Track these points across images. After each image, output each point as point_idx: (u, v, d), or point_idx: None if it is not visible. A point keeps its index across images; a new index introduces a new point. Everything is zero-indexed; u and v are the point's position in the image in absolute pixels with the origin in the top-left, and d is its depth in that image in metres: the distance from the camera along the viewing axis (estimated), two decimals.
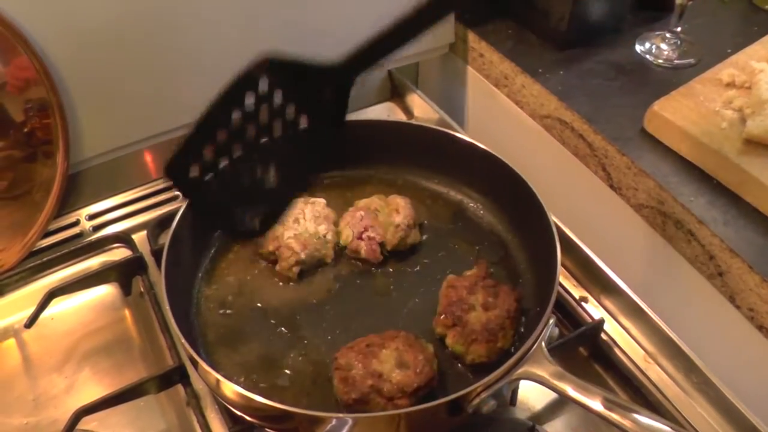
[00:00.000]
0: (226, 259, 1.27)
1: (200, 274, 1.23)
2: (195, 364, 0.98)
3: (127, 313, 1.28)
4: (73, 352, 1.14)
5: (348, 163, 1.38)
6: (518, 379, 0.95)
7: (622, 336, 1.14)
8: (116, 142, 1.42)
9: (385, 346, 1.01)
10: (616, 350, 1.12)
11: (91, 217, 1.41)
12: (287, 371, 1.02)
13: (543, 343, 0.96)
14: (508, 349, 1.06)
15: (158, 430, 1.03)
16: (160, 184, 1.47)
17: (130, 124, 1.40)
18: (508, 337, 1.08)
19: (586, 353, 1.21)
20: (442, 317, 1.10)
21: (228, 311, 1.16)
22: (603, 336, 1.19)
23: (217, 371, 0.95)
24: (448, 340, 1.09)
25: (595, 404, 0.87)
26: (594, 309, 1.23)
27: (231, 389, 0.91)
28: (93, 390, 1.07)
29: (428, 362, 1.01)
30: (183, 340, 0.95)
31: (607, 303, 1.24)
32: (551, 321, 1.00)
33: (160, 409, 1.06)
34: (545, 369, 0.93)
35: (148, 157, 1.51)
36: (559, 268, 1.06)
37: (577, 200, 1.31)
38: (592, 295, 1.20)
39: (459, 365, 1.09)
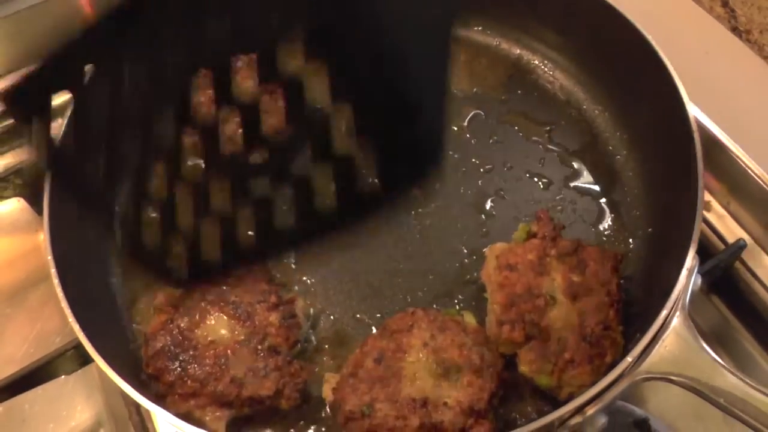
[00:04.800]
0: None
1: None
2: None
3: (42, 237, 0.90)
4: None
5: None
6: (644, 381, 0.58)
7: (765, 263, 0.84)
8: None
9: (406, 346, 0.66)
10: (756, 285, 0.82)
11: None
12: None
13: (686, 312, 0.57)
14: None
15: (82, 419, 0.79)
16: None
17: None
18: (619, 342, 0.67)
19: (704, 285, 0.84)
20: (506, 327, 0.68)
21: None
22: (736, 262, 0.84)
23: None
24: (524, 366, 0.68)
25: None
26: (721, 221, 0.87)
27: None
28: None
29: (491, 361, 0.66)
30: (78, 329, 0.59)
31: (741, 211, 0.87)
32: (694, 264, 0.60)
33: (86, 388, 0.80)
34: (696, 364, 0.55)
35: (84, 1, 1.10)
36: (702, 179, 0.67)
37: (682, 50, 0.95)
38: (715, 198, 0.88)
39: None
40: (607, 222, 0.81)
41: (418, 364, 0.64)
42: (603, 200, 0.83)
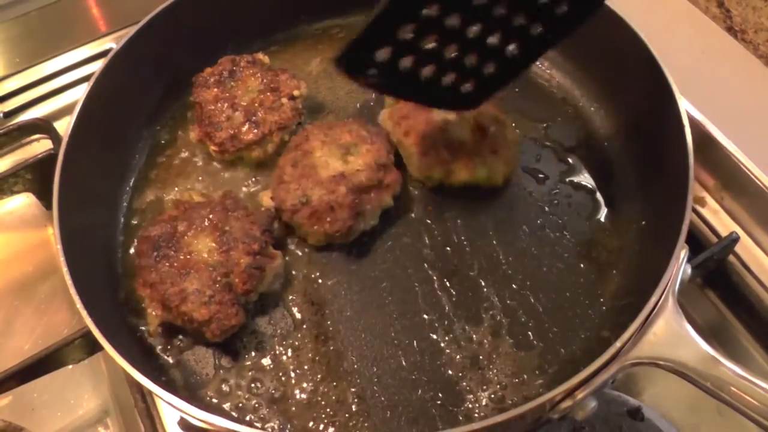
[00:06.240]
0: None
1: (130, 184, 0.88)
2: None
3: (50, 232, 0.96)
4: None
5: (347, 5, 0.98)
6: (632, 366, 0.58)
7: (758, 257, 0.84)
8: None
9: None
10: (749, 279, 0.82)
11: (2, 98, 1.07)
12: None
13: (675, 299, 0.58)
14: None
15: (90, 407, 0.81)
16: (102, 44, 1.10)
17: None
18: (507, 124, 0.84)
19: (699, 280, 0.85)
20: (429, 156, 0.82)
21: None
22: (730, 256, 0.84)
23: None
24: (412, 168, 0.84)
25: None
26: (715, 216, 0.87)
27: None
28: (7, 348, 0.86)
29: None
30: (86, 314, 0.60)
31: (735, 206, 0.87)
32: (683, 253, 0.61)
33: (93, 377, 0.83)
34: (684, 350, 0.56)
35: (91, 2, 1.17)
36: (692, 171, 0.67)
37: (679, 49, 0.99)
38: (710, 193, 0.89)
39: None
40: (601, 215, 0.81)
41: (325, 155, 0.78)
42: (598, 195, 0.83)
